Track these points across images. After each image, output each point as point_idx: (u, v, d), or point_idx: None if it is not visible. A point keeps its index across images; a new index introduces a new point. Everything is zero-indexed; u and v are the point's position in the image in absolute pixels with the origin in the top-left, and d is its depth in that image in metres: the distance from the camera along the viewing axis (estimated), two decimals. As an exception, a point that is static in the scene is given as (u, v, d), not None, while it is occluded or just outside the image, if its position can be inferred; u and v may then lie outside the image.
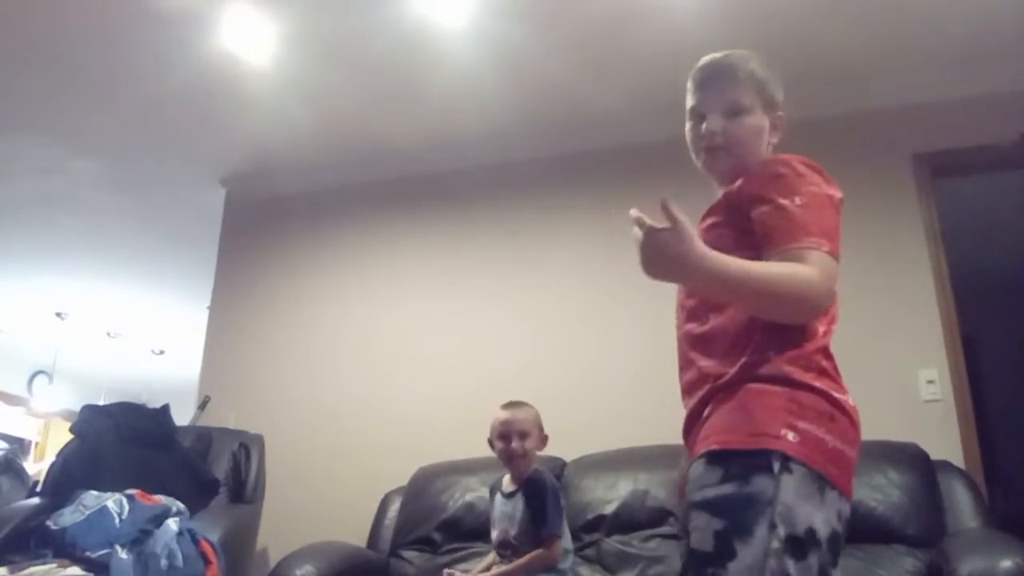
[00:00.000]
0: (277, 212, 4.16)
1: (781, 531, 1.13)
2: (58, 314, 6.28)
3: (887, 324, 3.05)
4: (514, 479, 2.48)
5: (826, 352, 1.32)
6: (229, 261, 4.17)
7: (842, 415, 1.24)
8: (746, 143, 1.45)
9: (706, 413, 1.29)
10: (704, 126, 1.43)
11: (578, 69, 3.27)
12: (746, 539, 1.13)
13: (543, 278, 3.60)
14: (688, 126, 1.48)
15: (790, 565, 1.12)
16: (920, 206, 3.16)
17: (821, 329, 1.32)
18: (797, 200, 1.33)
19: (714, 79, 1.45)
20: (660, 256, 1.19)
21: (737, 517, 1.14)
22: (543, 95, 3.45)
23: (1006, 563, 1.93)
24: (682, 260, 1.18)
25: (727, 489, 1.16)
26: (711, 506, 1.17)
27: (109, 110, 3.64)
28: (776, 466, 1.15)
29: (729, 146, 1.43)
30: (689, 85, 1.49)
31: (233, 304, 4.06)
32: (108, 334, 6.74)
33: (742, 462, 1.17)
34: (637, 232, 1.22)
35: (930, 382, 2.93)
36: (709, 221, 1.42)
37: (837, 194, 1.42)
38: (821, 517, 1.16)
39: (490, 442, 2.49)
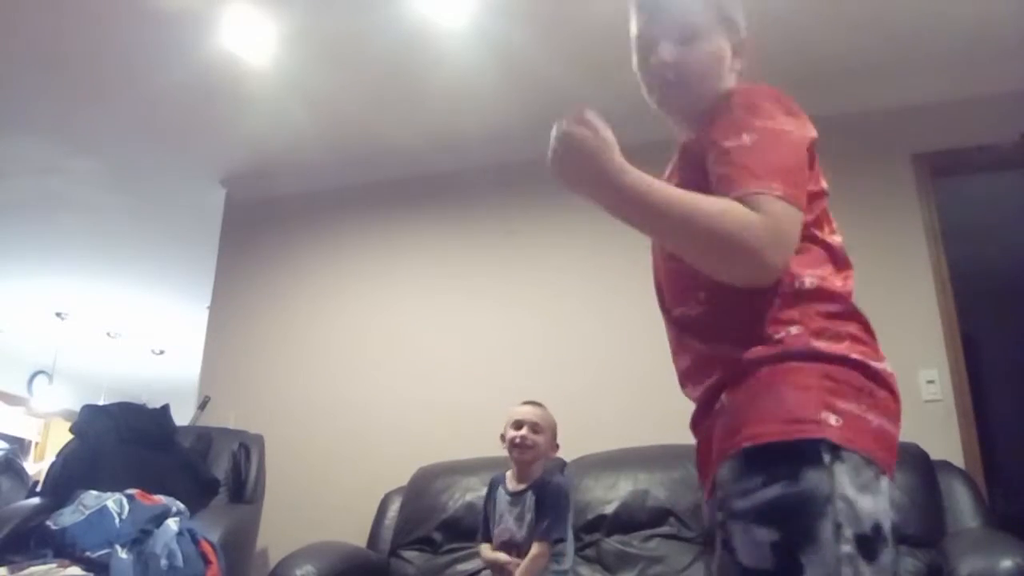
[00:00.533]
0: (277, 212, 4.16)
1: (848, 532, 0.96)
2: (58, 314, 6.28)
3: (887, 324, 3.02)
4: (520, 477, 2.46)
5: (853, 312, 1.13)
6: (229, 261, 4.17)
7: (881, 388, 1.09)
8: (704, 74, 1.25)
9: (721, 403, 1.09)
10: (653, 57, 1.23)
11: (578, 69, 3.26)
12: (811, 548, 0.95)
13: (543, 278, 3.60)
14: (635, 60, 1.27)
15: (866, 571, 0.96)
16: (920, 206, 3.16)
17: (838, 283, 1.15)
18: (745, 138, 1.11)
19: None
20: (575, 153, 1.05)
21: (794, 524, 0.96)
22: (543, 95, 3.45)
23: (1006, 563, 1.93)
24: (598, 163, 1.04)
25: (774, 491, 0.97)
26: (760, 515, 0.98)
27: (109, 110, 3.64)
28: (826, 457, 0.98)
29: (686, 79, 1.24)
30: (632, 7, 1.26)
31: (233, 304, 4.06)
32: (108, 334, 6.74)
33: (786, 457, 0.98)
34: (555, 130, 1.05)
35: (930, 382, 2.93)
36: (668, 181, 1.23)
37: (802, 131, 1.18)
38: (883, 508, 1.02)
39: (502, 437, 2.49)
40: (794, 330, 1.06)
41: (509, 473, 2.50)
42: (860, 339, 1.10)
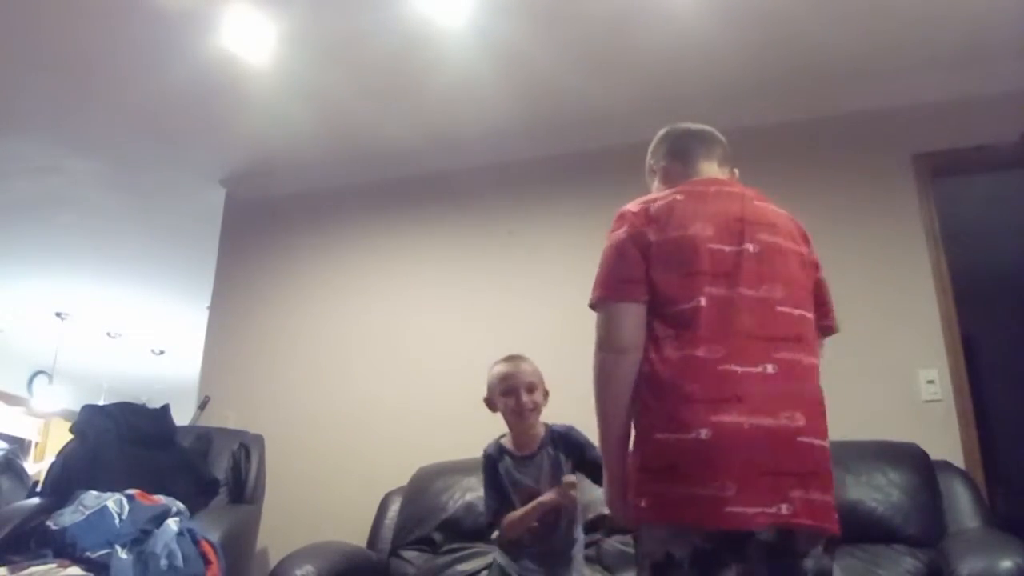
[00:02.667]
0: (277, 212, 4.16)
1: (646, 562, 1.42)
2: (58, 314, 6.28)
3: (887, 324, 3.05)
4: (522, 442, 2.25)
5: (664, 367, 1.45)
6: (229, 261, 4.17)
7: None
8: None
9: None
10: None
11: (578, 69, 3.26)
12: None
13: (543, 277, 3.60)
14: None
15: None
16: (920, 206, 3.16)
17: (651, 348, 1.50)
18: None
19: None
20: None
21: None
22: (543, 95, 3.45)
23: (1006, 563, 1.94)
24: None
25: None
26: None
27: (109, 110, 3.63)
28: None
29: None
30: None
31: (233, 304, 4.06)
32: (108, 334, 6.74)
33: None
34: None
35: (930, 382, 2.93)
36: None
37: (618, 233, 1.57)
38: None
39: (488, 402, 2.29)
40: None
41: (506, 440, 2.30)
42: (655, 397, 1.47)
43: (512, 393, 2.23)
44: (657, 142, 1.88)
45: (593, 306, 1.52)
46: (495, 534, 2.25)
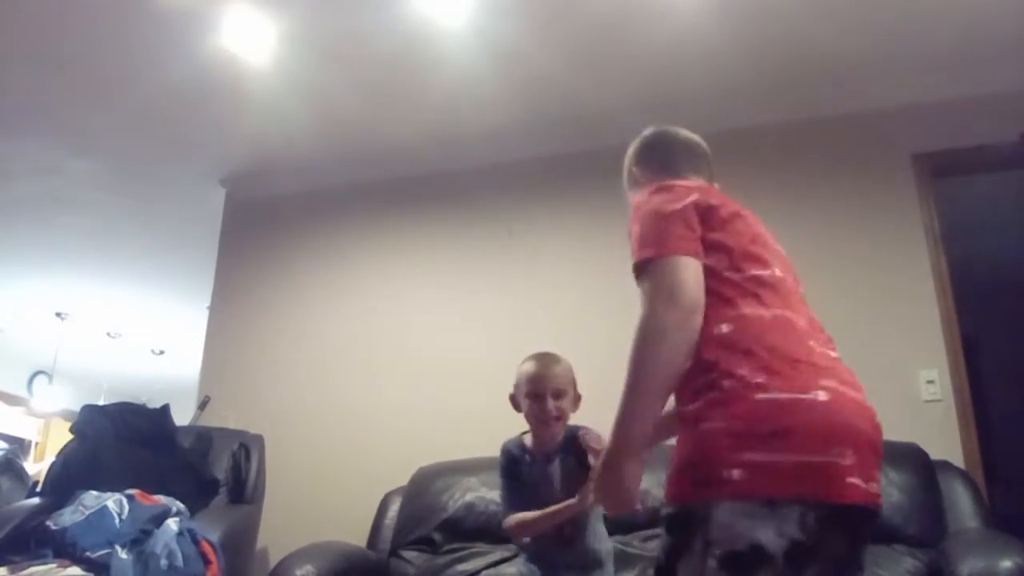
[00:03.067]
0: (277, 212, 4.16)
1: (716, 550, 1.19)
2: (58, 314, 6.28)
3: (887, 324, 3.05)
4: (542, 444, 2.16)
5: (752, 325, 1.30)
6: (229, 261, 4.17)
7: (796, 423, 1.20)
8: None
9: None
10: None
11: (578, 69, 3.27)
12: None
13: (544, 278, 3.60)
14: None
15: None
16: (920, 206, 3.16)
17: (732, 294, 1.34)
18: (635, 228, 1.40)
19: None
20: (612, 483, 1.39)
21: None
22: (543, 95, 3.45)
23: (1006, 563, 1.93)
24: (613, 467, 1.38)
25: None
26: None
27: (109, 110, 3.64)
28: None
29: None
30: None
31: (233, 304, 4.06)
32: (108, 334, 6.74)
33: None
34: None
35: (930, 382, 2.93)
36: None
37: (673, 203, 1.40)
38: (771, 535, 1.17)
39: (512, 399, 2.20)
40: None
41: (527, 437, 2.21)
42: (768, 366, 1.26)
43: (538, 397, 2.12)
44: (643, 148, 1.79)
45: (648, 260, 1.31)
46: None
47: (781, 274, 1.40)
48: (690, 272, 1.30)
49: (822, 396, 1.21)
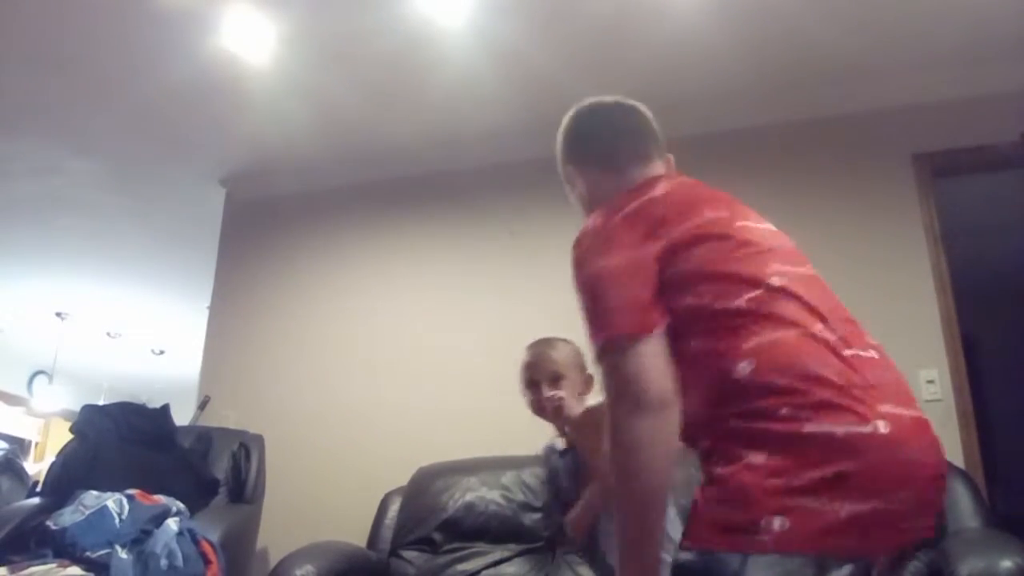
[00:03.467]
0: (277, 212, 4.15)
1: None
2: (58, 314, 6.27)
3: (887, 324, 3.03)
4: (561, 435, 2.01)
5: (779, 352, 1.09)
6: (229, 261, 4.17)
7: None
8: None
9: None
10: None
11: (578, 69, 3.26)
12: None
13: (544, 278, 3.59)
14: None
15: None
16: (920, 206, 3.16)
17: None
18: (581, 298, 1.23)
19: None
20: None
21: None
22: (543, 95, 3.44)
23: (1006, 563, 1.93)
24: None
25: None
26: None
27: (109, 110, 3.63)
28: None
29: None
30: None
31: (233, 304, 4.06)
32: (108, 334, 6.74)
33: None
34: None
35: (930, 382, 2.93)
36: None
37: (617, 253, 1.20)
38: None
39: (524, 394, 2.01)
40: None
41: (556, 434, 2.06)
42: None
43: (534, 386, 1.96)
44: (576, 140, 1.52)
45: (600, 348, 1.18)
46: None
47: (783, 266, 1.18)
48: (648, 357, 1.10)
49: (883, 428, 1.02)
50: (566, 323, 3.52)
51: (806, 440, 1.01)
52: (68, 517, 2.55)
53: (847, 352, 1.11)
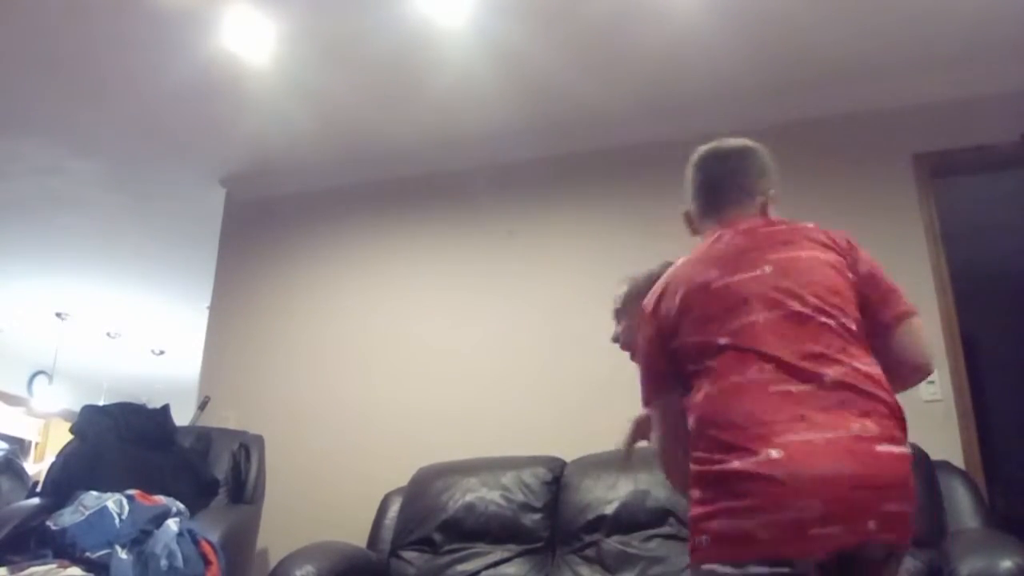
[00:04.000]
0: (277, 212, 4.15)
1: None
2: (58, 314, 6.27)
3: (887, 324, 3.05)
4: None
5: (704, 409, 1.40)
6: (229, 261, 4.17)
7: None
8: None
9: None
10: None
11: (578, 69, 3.26)
12: None
13: (543, 278, 3.59)
14: None
15: None
16: (920, 206, 3.16)
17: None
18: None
19: None
20: None
21: None
22: (543, 95, 3.45)
23: (1006, 563, 1.93)
24: None
25: None
26: None
27: (109, 110, 3.63)
28: None
29: None
30: None
31: (233, 304, 4.06)
32: (108, 334, 6.74)
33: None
34: None
35: (930, 382, 2.92)
36: None
37: (648, 323, 1.57)
38: None
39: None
40: None
41: None
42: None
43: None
44: (692, 188, 1.72)
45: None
46: None
47: (748, 317, 1.41)
48: (661, 413, 1.54)
49: (774, 455, 1.25)
50: (566, 323, 3.54)
51: (716, 476, 1.30)
52: (68, 517, 2.55)
53: (775, 388, 1.33)
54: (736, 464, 1.27)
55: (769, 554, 1.23)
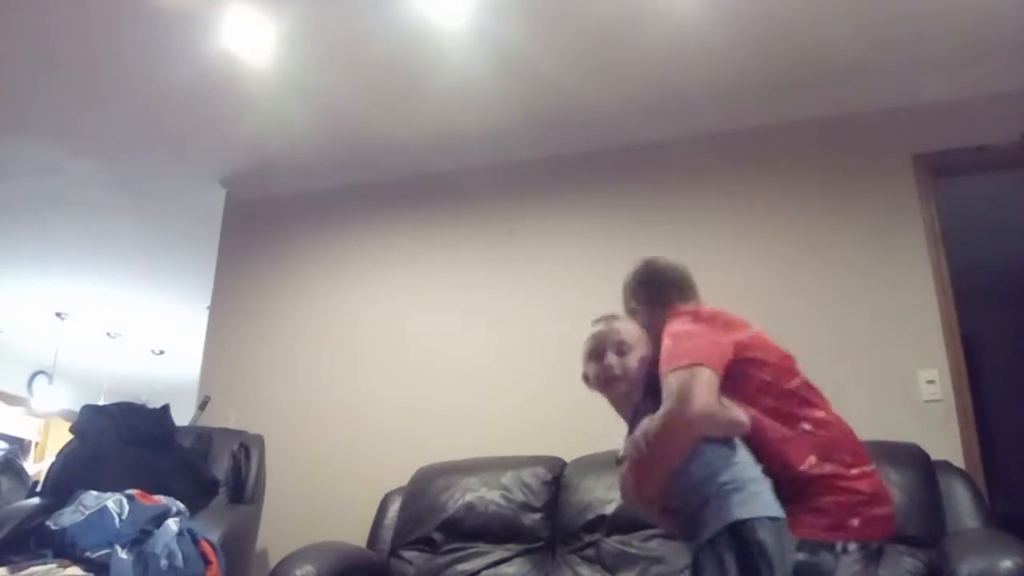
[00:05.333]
0: (277, 212, 4.15)
1: None
2: (58, 314, 6.27)
3: (887, 324, 3.05)
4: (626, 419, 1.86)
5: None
6: (229, 261, 4.17)
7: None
8: None
9: None
10: None
11: (578, 69, 3.26)
12: None
13: (543, 278, 3.60)
14: None
15: None
16: (920, 206, 3.16)
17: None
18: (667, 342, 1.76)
19: None
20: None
21: None
22: (543, 95, 3.45)
23: (1006, 563, 1.93)
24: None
25: None
26: None
27: (109, 110, 3.63)
28: None
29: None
30: None
31: (233, 304, 4.06)
32: (108, 334, 6.74)
33: None
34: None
35: (930, 382, 2.93)
36: None
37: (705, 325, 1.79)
38: None
39: (585, 379, 1.93)
40: None
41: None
42: None
43: (597, 359, 1.85)
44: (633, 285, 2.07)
45: (680, 368, 1.71)
46: None
47: None
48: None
49: None
50: (566, 323, 3.53)
51: None
52: (68, 517, 2.55)
53: None
54: None
55: None
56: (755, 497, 1.57)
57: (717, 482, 1.59)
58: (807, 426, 1.70)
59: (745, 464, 1.63)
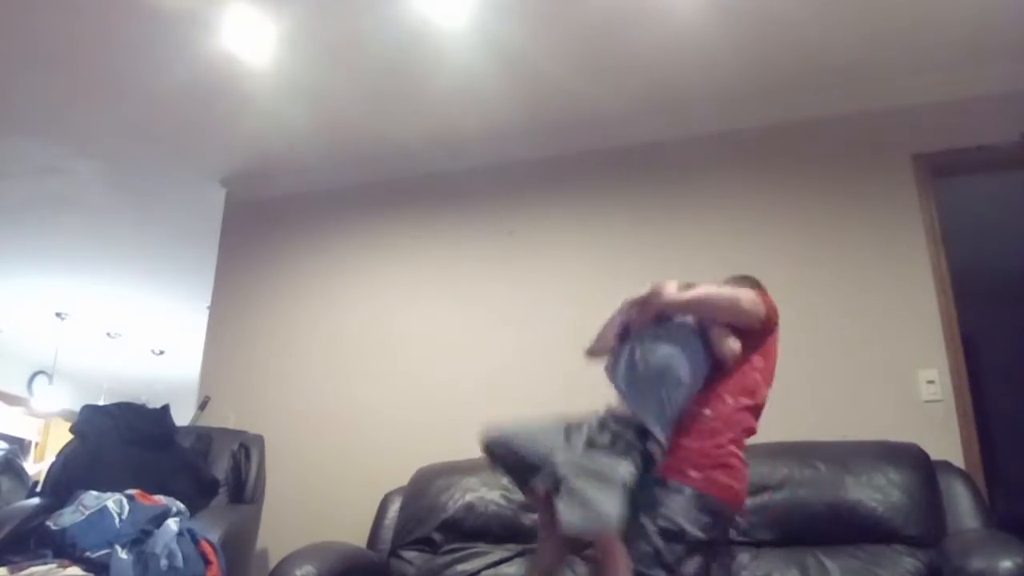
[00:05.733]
0: (277, 212, 4.16)
1: None
2: (58, 314, 6.27)
3: (887, 324, 3.05)
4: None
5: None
6: (229, 261, 4.17)
7: None
8: None
9: None
10: None
11: (578, 69, 3.26)
12: None
13: (543, 278, 3.60)
14: None
15: None
16: (920, 206, 3.16)
17: None
18: None
19: None
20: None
21: None
22: (543, 95, 3.45)
23: (1006, 563, 1.93)
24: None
25: None
26: None
27: (109, 110, 3.64)
28: None
29: None
30: None
31: (233, 304, 4.06)
32: (108, 334, 6.74)
33: None
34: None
35: (930, 382, 2.93)
36: None
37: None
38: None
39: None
40: None
41: None
42: None
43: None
44: None
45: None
46: None
47: None
48: None
49: None
50: (566, 322, 3.53)
51: None
52: (68, 517, 2.55)
53: None
54: None
55: None
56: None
57: (664, 387, 2.09)
58: (731, 446, 2.07)
59: (679, 403, 2.08)
